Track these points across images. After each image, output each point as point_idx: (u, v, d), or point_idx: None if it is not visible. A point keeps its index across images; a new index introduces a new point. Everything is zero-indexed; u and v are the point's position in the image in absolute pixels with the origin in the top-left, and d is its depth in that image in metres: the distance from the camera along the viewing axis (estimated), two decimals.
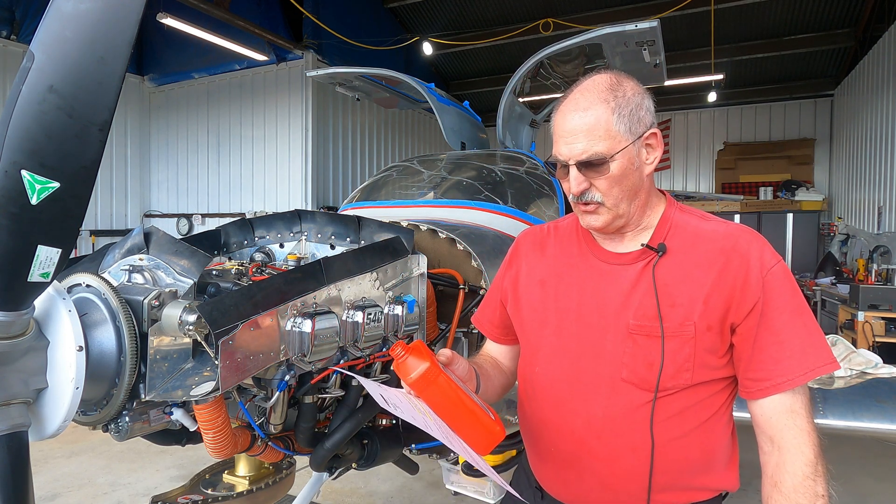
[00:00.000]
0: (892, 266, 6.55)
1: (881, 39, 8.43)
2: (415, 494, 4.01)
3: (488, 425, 1.13)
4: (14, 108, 0.87)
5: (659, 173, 12.89)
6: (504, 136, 3.97)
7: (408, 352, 1.11)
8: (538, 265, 1.41)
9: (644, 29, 3.07)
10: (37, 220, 0.93)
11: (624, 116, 1.19)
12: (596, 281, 1.29)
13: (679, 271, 1.20)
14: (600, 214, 1.23)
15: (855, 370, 2.59)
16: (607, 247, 1.31)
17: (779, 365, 1.14)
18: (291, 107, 9.56)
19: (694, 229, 1.26)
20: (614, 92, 1.20)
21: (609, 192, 1.20)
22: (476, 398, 1.16)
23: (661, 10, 9.36)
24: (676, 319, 1.17)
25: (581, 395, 1.25)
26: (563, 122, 1.22)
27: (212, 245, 2.02)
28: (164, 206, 11.01)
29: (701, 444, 1.22)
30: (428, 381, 1.09)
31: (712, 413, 1.23)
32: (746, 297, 1.15)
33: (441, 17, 11.48)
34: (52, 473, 4.27)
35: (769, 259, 1.18)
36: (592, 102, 1.19)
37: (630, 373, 1.20)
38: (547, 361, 1.32)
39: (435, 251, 2.11)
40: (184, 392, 1.27)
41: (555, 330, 1.31)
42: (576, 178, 1.20)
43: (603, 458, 1.24)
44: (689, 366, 1.17)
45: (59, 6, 0.87)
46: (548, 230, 1.47)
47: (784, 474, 1.13)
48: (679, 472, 1.22)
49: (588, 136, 1.18)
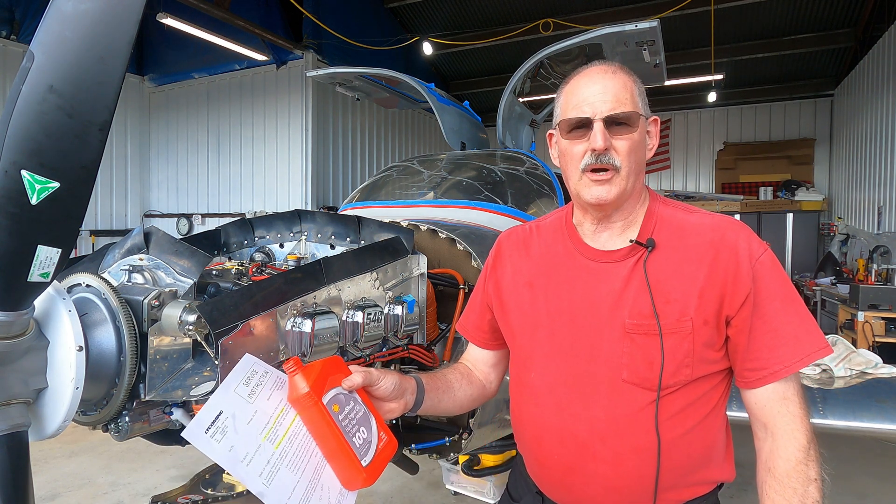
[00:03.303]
0: (892, 266, 6.55)
1: (881, 39, 8.43)
2: (415, 494, 4.01)
3: (354, 467, 1.12)
4: (14, 108, 0.87)
5: (659, 173, 12.94)
6: (504, 136, 3.97)
7: (298, 371, 1.12)
8: (524, 266, 1.37)
9: (644, 29, 3.07)
10: (37, 220, 0.93)
11: (642, 92, 1.24)
12: (586, 280, 1.26)
13: (670, 266, 1.19)
14: (613, 184, 1.19)
15: (855, 370, 2.58)
16: (595, 244, 1.28)
17: (774, 353, 1.15)
18: (291, 107, 9.56)
19: (680, 223, 1.25)
20: (630, 72, 1.24)
21: (628, 157, 1.19)
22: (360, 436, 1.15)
23: (661, 10, 9.35)
24: (673, 316, 1.16)
25: (581, 398, 1.23)
26: (587, 84, 1.21)
27: (212, 245, 2.02)
28: (164, 206, 11.01)
29: (703, 439, 1.23)
30: (302, 405, 1.12)
31: (712, 407, 1.23)
32: (738, 288, 1.15)
33: (441, 17, 11.48)
34: (52, 473, 4.27)
35: (757, 248, 1.18)
36: (617, 70, 1.22)
37: (631, 373, 1.19)
38: (542, 366, 1.29)
39: (435, 251, 2.11)
40: (184, 392, 1.27)
41: (548, 333, 1.28)
42: (601, 133, 1.16)
43: (608, 461, 1.22)
44: (689, 361, 1.17)
45: (59, 6, 0.87)
46: (530, 229, 1.43)
47: (777, 459, 1.14)
48: (683, 468, 1.22)
49: (616, 95, 1.18)
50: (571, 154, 1.22)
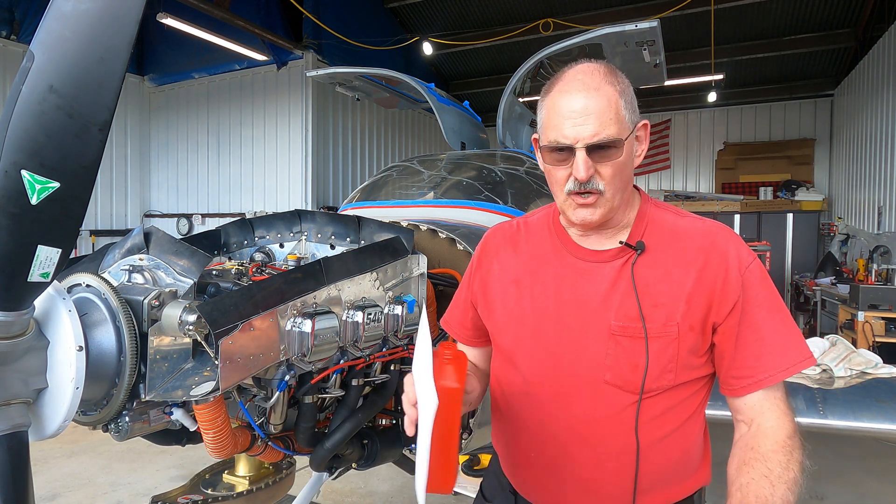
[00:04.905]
0: (892, 266, 6.55)
1: (881, 39, 8.43)
2: (415, 494, 4.00)
3: (451, 472, 1.09)
4: (14, 108, 0.87)
5: (659, 173, 12.93)
6: (504, 136, 3.97)
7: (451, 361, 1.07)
8: (511, 264, 1.34)
9: (644, 29, 3.07)
10: (37, 220, 0.93)
11: (628, 102, 1.15)
12: (574, 280, 1.23)
13: (658, 270, 1.18)
14: (598, 207, 1.15)
15: (855, 370, 2.58)
16: (584, 244, 1.25)
17: (760, 361, 1.14)
18: (291, 107, 9.56)
19: (671, 226, 1.23)
20: (616, 76, 1.16)
21: (612, 180, 1.14)
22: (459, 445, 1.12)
23: (661, 10, 9.35)
24: (659, 320, 1.15)
25: (562, 398, 1.22)
26: (568, 102, 1.13)
27: (212, 245, 2.02)
28: (164, 206, 11.00)
29: (681, 444, 1.22)
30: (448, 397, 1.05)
31: (692, 412, 1.22)
32: (727, 296, 1.14)
33: (441, 17, 11.48)
34: (52, 473, 4.27)
35: (746, 257, 1.17)
36: (601, 83, 1.13)
37: (614, 375, 1.17)
38: (525, 364, 1.27)
39: (435, 251, 2.11)
40: (184, 392, 1.27)
41: (532, 331, 1.26)
42: (584, 163, 1.10)
43: (586, 462, 1.21)
44: (673, 366, 1.16)
45: (59, 6, 0.87)
46: (517, 226, 1.40)
47: (762, 440, 1.12)
48: (662, 472, 1.22)
49: (600, 117, 1.10)
50: (555, 177, 1.18)
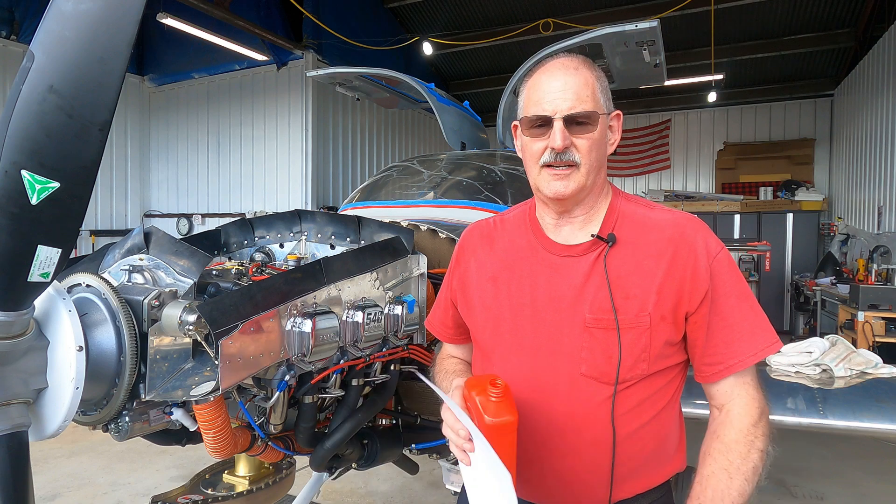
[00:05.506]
0: (892, 266, 6.55)
1: (881, 39, 8.42)
2: (415, 494, 4.01)
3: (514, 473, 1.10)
4: (14, 108, 0.87)
5: (659, 173, 12.93)
6: (504, 136, 3.97)
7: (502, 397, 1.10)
8: (488, 260, 1.37)
9: (644, 29, 3.06)
10: (37, 220, 0.93)
11: (604, 89, 1.24)
12: (548, 275, 1.26)
13: (630, 262, 1.21)
14: (571, 180, 1.20)
15: (855, 370, 2.58)
16: (557, 238, 1.29)
17: (730, 348, 1.19)
18: (291, 107, 9.56)
19: (641, 218, 1.27)
20: (594, 66, 1.25)
21: (588, 154, 1.20)
22: None
23: (661, 10, 9.35)
24: (631, 311, 1.18)
25: (541, 392, 1.24)
26: (548, 80, 1.22)
27: (212, 245, 2.02)
28: (164, 206, 11.00)
29: (657, 433, 1.26)
30: (505, 430, 1.09)
31: (667, 401, 1.26)
32: (697, 285, 1.18)
33: (441, 17, 11.48)
34: (52, 473, 4.27)
35: (714, 247, 1.22)
36: (579, 66, 1.22)
37: (589, 367, 1.20)
38: (504, 360, 1.30)
39: (435, 251, 2.11)
40: (184, 392, 1.27)
41: (510, 327, 1.29)
42: (561, 132, 1.18)
43: (565, 454, 1.24)
44: (646, 356, 1.19)
45: (59, 6, 0.87)
46: (494, 223, 1.43)
47: (727, 429, 1.18)
48: (638, 461, 1.25)
49: (577, 93, 1.19)
50: (532, 150, 1.24)
